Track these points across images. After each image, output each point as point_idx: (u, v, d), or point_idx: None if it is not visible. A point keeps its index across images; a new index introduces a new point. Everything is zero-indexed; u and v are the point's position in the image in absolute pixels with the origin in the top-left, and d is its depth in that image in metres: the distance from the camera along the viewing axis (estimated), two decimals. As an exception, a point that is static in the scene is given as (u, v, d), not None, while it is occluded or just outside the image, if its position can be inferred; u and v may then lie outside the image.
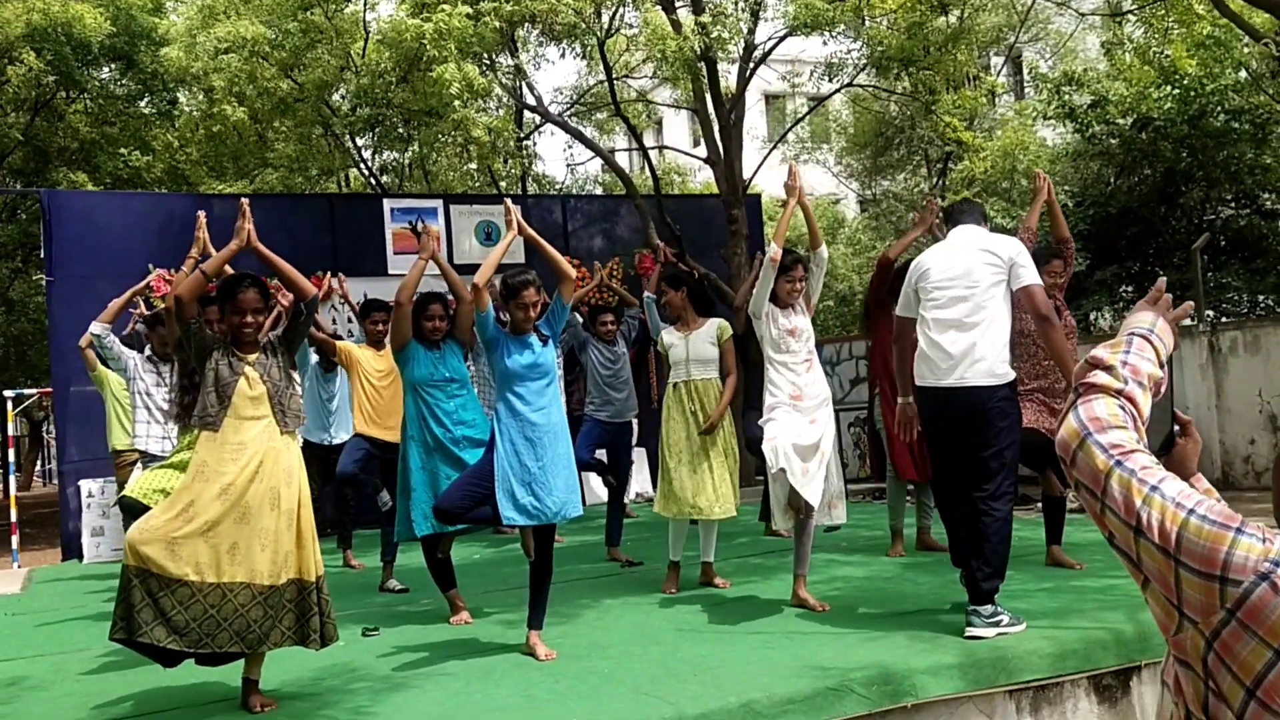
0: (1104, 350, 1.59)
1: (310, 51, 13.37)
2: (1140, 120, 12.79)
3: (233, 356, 4.32)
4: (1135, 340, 1.60)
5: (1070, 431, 1.50)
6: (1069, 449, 1.50)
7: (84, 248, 10.17)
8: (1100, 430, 1.48)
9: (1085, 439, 1.48)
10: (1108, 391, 1.53)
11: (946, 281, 4.76)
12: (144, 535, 4.17)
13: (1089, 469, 1.47)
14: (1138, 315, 1.65)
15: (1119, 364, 1.56)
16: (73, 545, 9.91)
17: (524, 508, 4.64)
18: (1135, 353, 1.58)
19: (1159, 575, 1.40)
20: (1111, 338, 1.66)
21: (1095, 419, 1.50)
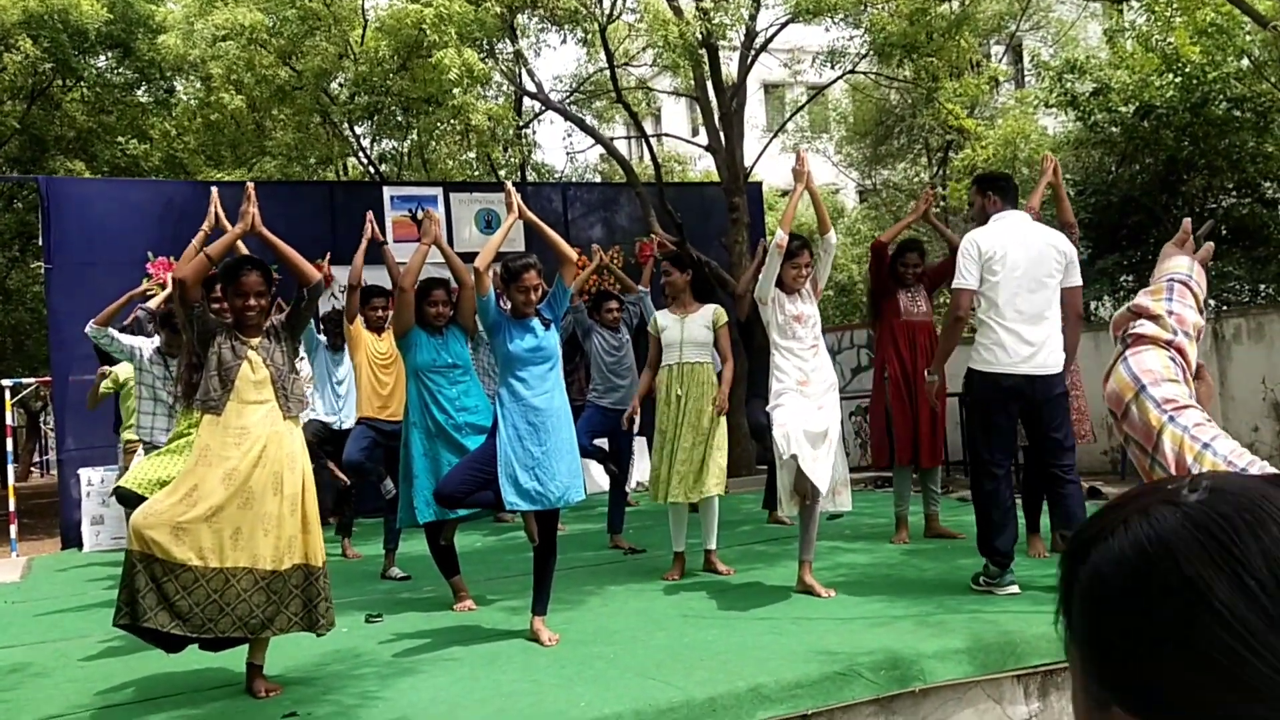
0: (1146, 298, 1.51)
1: (308, 39, 13.29)
2: (1142, 108, 12.75)
3: (236, 340, 4.29)
4: (1176, 287, 1.52)
5: (1123, 384, 1.43)
6: (1121, 402, 1.43)
7: (82, 236, 10.12)
8: (1155, 383, 1.41)
9: (1140, 392, 1.41)
10: (1157, 342, 1.46)
11: (1027, 270, 5.02)
12: (148, 520, 4.15)
13: (1142, 424, 1.39)
14: (1174, 259, 1.57)
15: (1165, 313, 1.48)
16: (72, 534, 9.87)
17: (527, 492, 4.61)
18: (1178, 300, 1.50)
19: None
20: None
21: (1148, 370, 1.43)
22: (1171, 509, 0.71)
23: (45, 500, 18.49)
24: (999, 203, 5.34)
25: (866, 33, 10.53)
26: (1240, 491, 0.72)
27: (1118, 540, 0.72)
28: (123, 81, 16.89)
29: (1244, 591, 0.67)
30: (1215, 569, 0.68)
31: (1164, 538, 0.70)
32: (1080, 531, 0.76)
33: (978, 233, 5.20)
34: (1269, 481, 0.74)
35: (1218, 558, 0.68)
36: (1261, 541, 0.68)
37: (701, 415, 5.89)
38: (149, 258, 10.11)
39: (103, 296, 9.91)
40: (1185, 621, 0.67)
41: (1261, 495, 0.72)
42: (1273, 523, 0.69)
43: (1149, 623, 0.69)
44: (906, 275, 6.62)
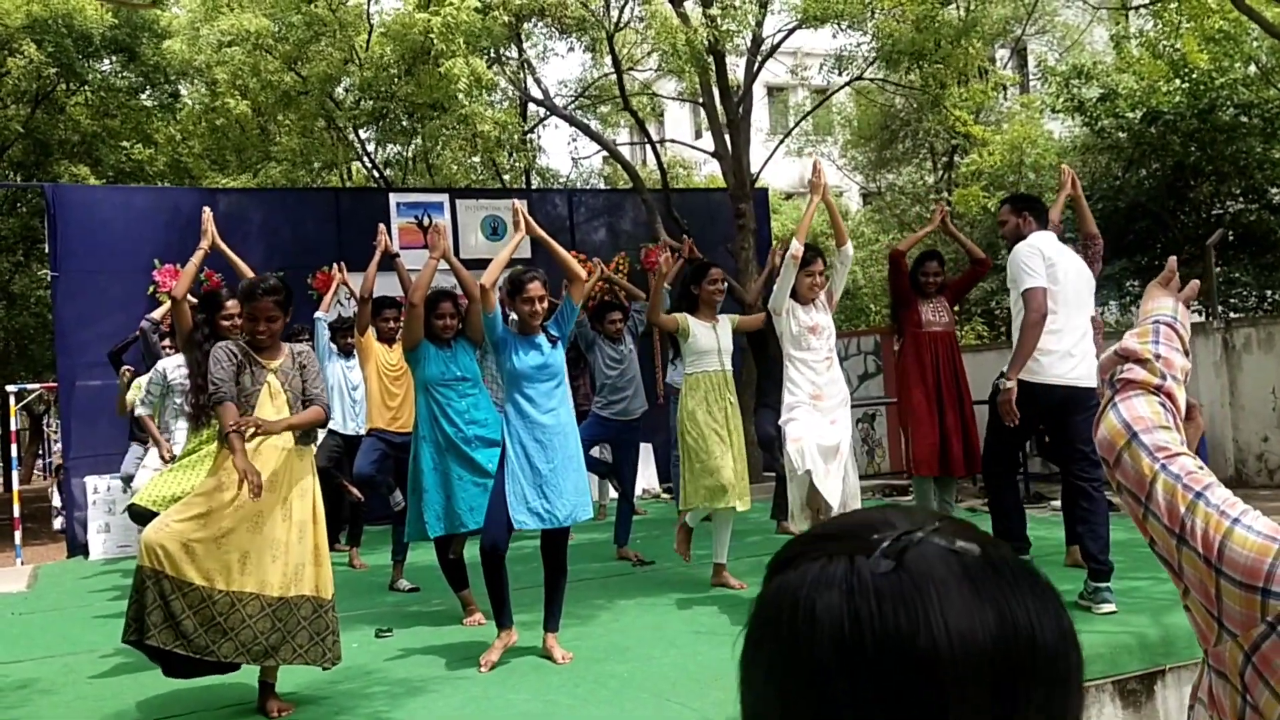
0: (1133, 341, 1.50)
1: (314, 44, 13.28)
2: (1150, 114, 12.72)
3: (254, 365, 4.26)
4: (1163, 329, 1.51)
5: (1114, 431, 1.43)
6: (1114, 450, 1.42)
7: (88, 242, 10.10)
8: (1146, 431, 1.41)
9: (1131, 440, 1.41)
10: (1146, 387, 1.45)
11: (1074, 285, 5.23)
12: (159, 534, 4.13)
13: (1134, 473, 1.40)
14: (1158, 300, 1.56)
15: (1153, 357, 1.47)
16: (77, 541, 9.85)
17: (535, 511, 4.59)
18: (1165, 343, 1.49)
19: (1200, 585, 1.33)
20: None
21: (1140, 418, 1.42)
22: (846, 567, 0.70)
23: (47, 504, 18.50)
24: (1033, 223, 5.43)
25: (874, 39, 10.49)
26: (917, 586, 0.68)
27: (798, 575, 0.71)
28: (127, 86, 16.88)
29: (809, 686, 0.68)
30: (829, 649, 0.67)
31: (816, 596, 0.69)
32: (790, 547, 0.76)
33: (1038, 239, 5.27)
34: (969, 573, 0.70)
35: (838, 640, 0.67)
36: (877, 647, 0.66)
37: (739, 423, 5.90)
38: (155, 265, 10.09)
39: (109, 303, 9.95)
40: (769, 679, 0.70)
41: (935, 594, 0.68)
42: (915, 628, 0.66)
43: (755, 663, 0.72)
44: (928, 285, 6.57)
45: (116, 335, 9.77)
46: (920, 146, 18.78)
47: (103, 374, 9.90)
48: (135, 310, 8.79)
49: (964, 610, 0.68)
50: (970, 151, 17.35)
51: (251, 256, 8.91)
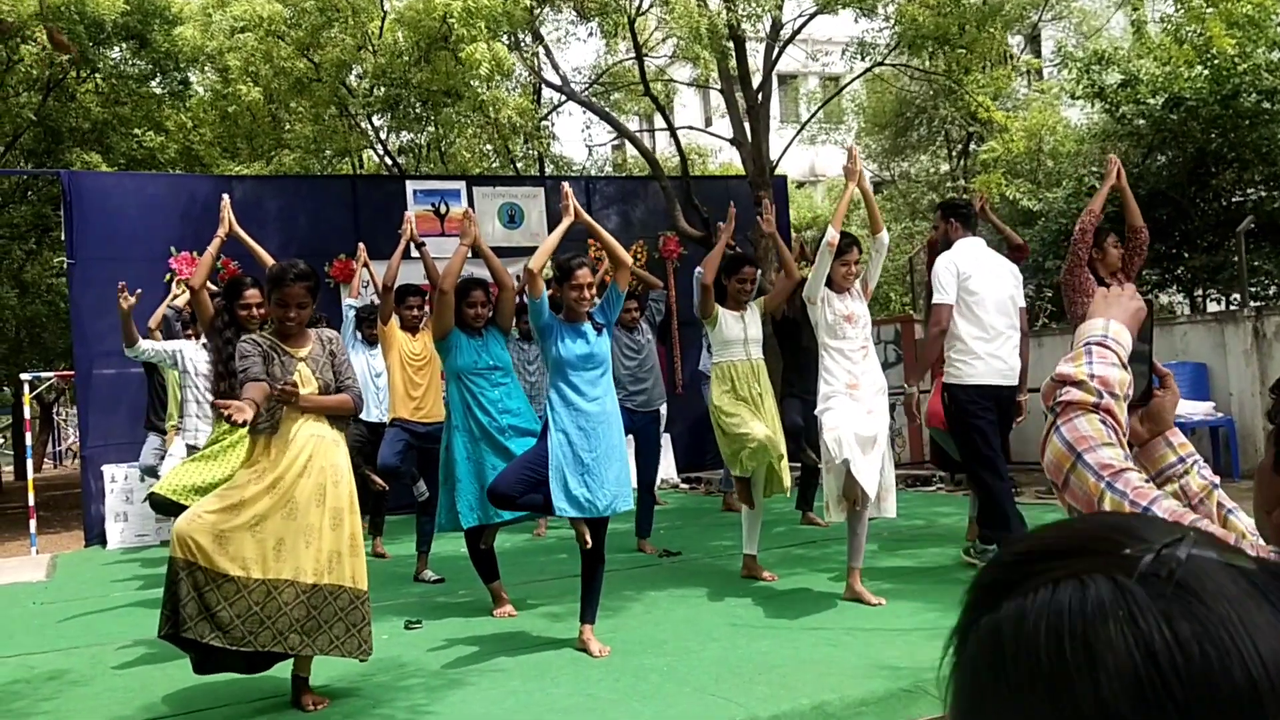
0: (1067, 365, 1.54)
1: (327, 30, 13.17)
2: (1171, 100, 12.57)
3: (284, 355, 4.19)
4: (1094, 349, 1.55)
5: (1059, 454, 1.45)
6: (1060, 472, 1.45)
7: (105, 229, 10.02)
8: (1089, 450, 1.44)
9: (1076, 461, 1.43)
10: (1085, 407, 1.49)
11: (997, 290, 5.71)
12: (192, 525, 4.06)
13: (1082, 493, 1.42)
14: (1089, 323, 1.61)
15: (1087, 378, 1.51)
16: (95, 530, 9.80)
17: (576, 499, 4.51)
18: (1099, 362, 1.53)
19: None
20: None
21: (1083, 438, 1.45)
22: (1113, 592, 0.59)
23: (60, 492, 18.47)
24: (960, 229, 5.91)
25: (895, 24, 10.36)
26: (1210, 609, 0.58)
27: (1043, 602, 0.60)
28: (137, 73, 16.78)
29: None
30: (1122, 695, 0.55)
31: (1089, 629, 0.58)
32: (998, 571, 0.64)
33: (954, 253, 5.76)
34: (1260, 589, 0.60)
35: (1133, 683, 0.56)
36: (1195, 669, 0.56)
37: (774, 410, 5.84)
38: (171, 252, 10.02)
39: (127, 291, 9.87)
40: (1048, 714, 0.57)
41: (1235, 617, 0.58)
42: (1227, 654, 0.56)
43: (1018, 699, 0.58)
44: None
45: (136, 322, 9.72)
46: (936, 134, 18.64)
47: (119, 362, 9.83)
48: (152, 298, 8.70)
49: (1271, 633, 0.58)
50: (987, 139, 17.23)
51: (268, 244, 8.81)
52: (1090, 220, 5.74)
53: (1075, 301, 5.75)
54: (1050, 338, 11.04)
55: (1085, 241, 5.73)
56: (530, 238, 11.10)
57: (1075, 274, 5.73)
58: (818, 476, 8.00)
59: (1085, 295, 5.71)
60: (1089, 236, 5.73)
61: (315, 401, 4.16)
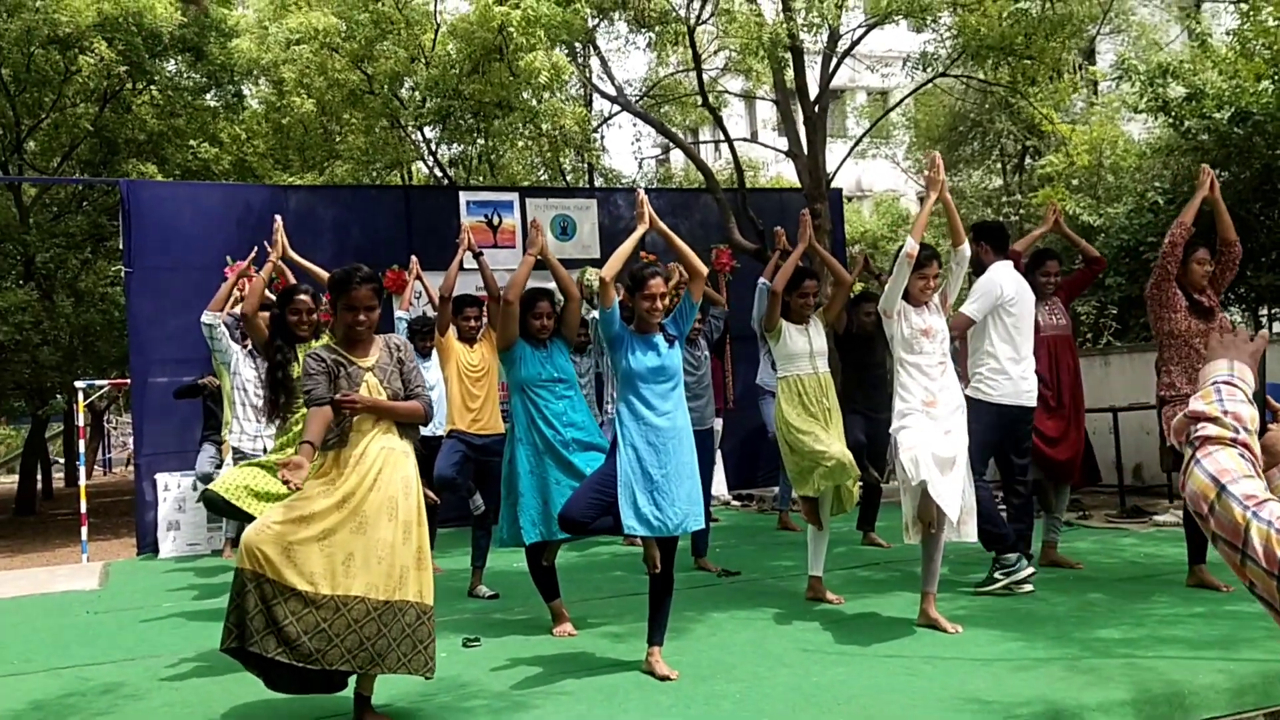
0: (1200, 403, 1.66)
1: (380, 43, 13.20)
2: (1238, 114, 12.25)
3: (349, 366, 4.08)
4: (1223, 388, 1.67)
5: (1203, 486, 1.57)
6: (1205, 502, 1.57)
7: (162, 238, 10.06)
8: (1233, 481, 1.55)
9: (1221, 492, 1.55)
10: (1223, 442, 1.60)
11: (1029, 318, 5.85)
12: (260, 536, 3.96)
13: (1228, 522, 1.53)
14: (1213, 364, 1.74)
15: (1221, 414, 1.63)
16: (148, 539, 9.80)
17: (645, 517, 4.36)
18: (1229, 400, 1.64)
19: None
20: None
21: (1225, 470, 1.56)
22: None
23: (110, 499, 18.62)
24: (990, 253, 5.97)
25: (958, 35, 10.17)
26: None
27: None
28: (193, 85, 16.94)
29: None
30: None
31: None
32: None
33: (998, 273, 5.84)
34: None
35: None
36: None
37: (840, 427, 5.69)
38: (228, 262, 10.00)
39: (181, 300, 9.88)
40: None
41: None
42: None
43: None
44: (1047, 286, 6.27)
45: (190, 331, 9.69)
46: (991, 148, 18.35)
47: (174, 370, 9.86)
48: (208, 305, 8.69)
49: None
50: (1044, 153, 16.92)
51: (322, 254, 8.81)
52: (1181, 233, 5.53)
53: (1161, 317, 5.53)
54: (1117, 356, 10.74)
55: (1175, 255, 5.52)
56: (581, 249, 11.01)
57: (1162, 288, 5.51)
58: (879, 495, 7.83)
59: (1172, 311, 5.49)
60: (1179, 250, 5.52)
61: (385, 406, 4.05)
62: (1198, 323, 5.47)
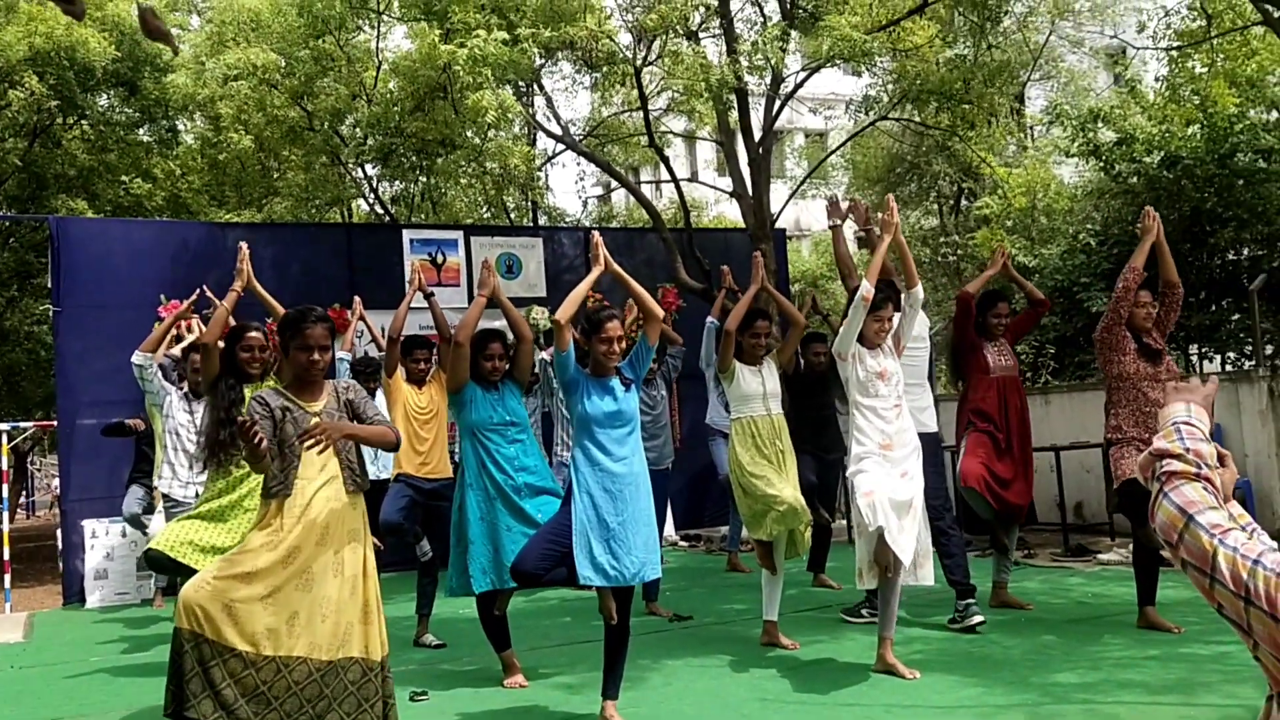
0: (1163, 443, 1.80)
1: (321, 79, 13.07)
2: (1168, 158, 12.59)
3: (297, 410, 3.93)
4: (1183, 428, 1.82)
5: (1172, 517, 1.70)
6: (1174, 531, 1.69)
7: (93, 276, 9.75)
8: (1199, 512, 1.67)
9: (1189, 522, 1.67)
10: (1188, 476, 1.73)
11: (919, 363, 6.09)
12: (199, 594, 3.78)
13: (1197, 549, 1.66)
14: (1172, 407, 1.87)
15: (1184, 451, 1.77)
16: (74, 588, 9.42)
17: (601, 567, 4.26)
18: (1189, 440, 1.79)
19: (1268, 638, 1.60)
20: None
21: (1191, 502, 1.69)
22: None
23: (33, 544, 17.93)
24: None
25: (900, 79, 10.32)
26: None
27: None
28: (125, 120, 16.62)
29: None
30: None
31: None
32: None
33: None
34: None
35: None
36: None
37: (794, 469, 5.62)
38: (161, 300, 9.75)
39: (112, 340, 9.59)
40: None
41: None
42: None
43: None
44: (997, 327, 6.31)
45: (122, 372, 9.36)
46: (928, 189, 18.66)
47: (103, 412, 9.54)
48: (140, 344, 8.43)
49: None
50: (980, 195, 17.24)
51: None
52: (1134, 277, 5.59)
53: (1111, 360, 5.59)
54: (1057, 395, 10.89)
55: (1128, 299, 5.58)
56: (528, 288, 10.93)
57: (1113, 331, 5.57)
58: (830, 536, 7.80)
59: (1122, 354, 5.55)
60: (1132, 294, 5.59)
61: (350, 430, 3.90)
62: (1146, 365, 5.54)
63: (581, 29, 8.37)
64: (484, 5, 8.86)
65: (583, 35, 8.30)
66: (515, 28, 8.49)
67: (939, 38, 11.57)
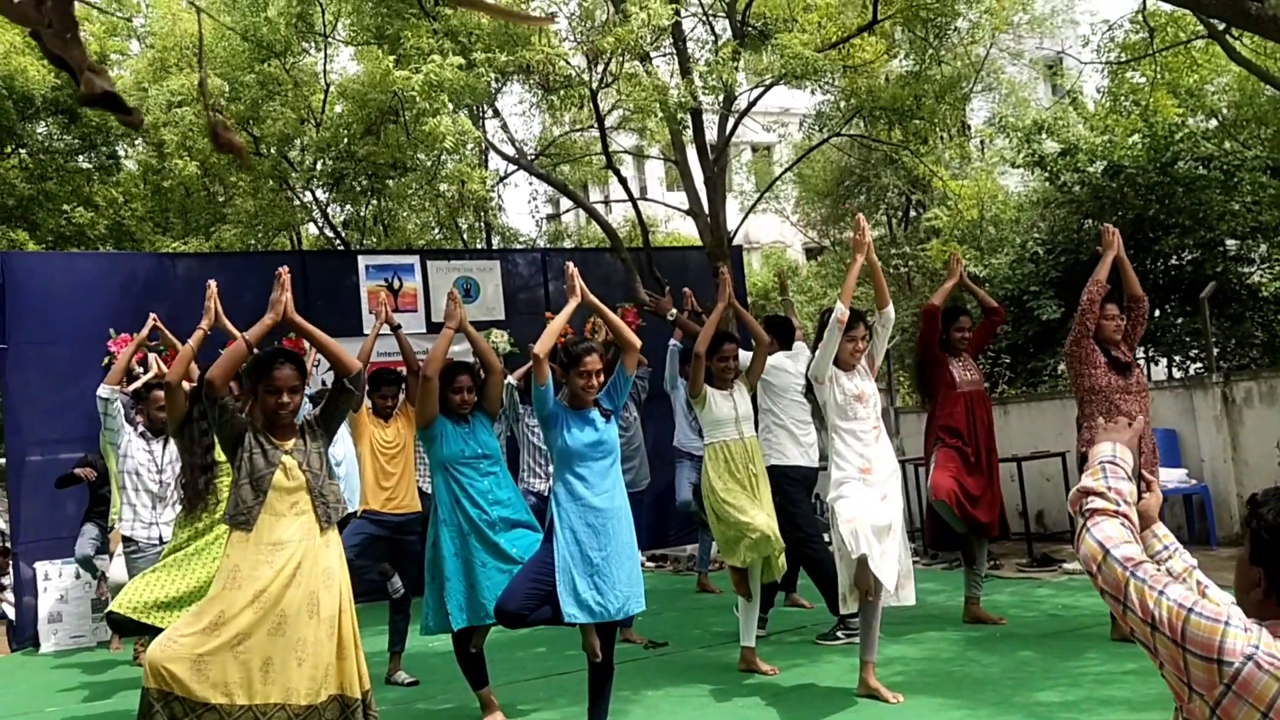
0: (1089, 480, 2.06)
1: (268, 104, 12.89)
2: (1111, 168, 12.83)
3: (268, 443, 3.85)
4: (1108, 468, 2.07)
5: (1092, 550, 1.95)
6: (1094, 562, 1.94)
7: (39, 311, 9.48)
8: (1115, 546, 1.92)
9: (1106, 556, 1.92)
10: (1108, 513, 1.99)
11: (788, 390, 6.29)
12: (166, 653, 3.68)
13: (1112, 579, 1.91)
14: (1099, 446, 2.12)
15: (1108, 490, 2.02)
16: (26, 632, 9.14)
17: (586, 604, 4.21)
18: (1112, 479, 2.04)
19: (1171, 659, 1.83)
20: None
21: (1109, 538, 1.94)
22: None
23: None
24: (776, 344, 6.29)
25: (852, 96, 10.41)
26: None
27: None
28: (64, 148, 16.29)
29: None
30: None
31: None
32: None
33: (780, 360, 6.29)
34: None
35: None
36: None
37: (768, 493, 5.60)
38: (110, 334, 9.53)
39: (62, 376, 9.35)
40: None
41: None
42: None
43: None
44: (961, 341, 6.36)
45: (70, 408, 9.17)
46: (877, 202, 18.84)
47: (54, 449, 9.28)
48: (90, 383, 8.21)
49: None
50: (928, 206, 17.43)
51: (214, 324, 8.41)
52: (1097, 290, 5.66)
53: (1081, 374, 5.65)
54: (1016, 405, 11.01)
55: (1094, 312, 5.65)
56: (486, 311, 10.83)
57: (1081, 345, 5.63)
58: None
59: (1092, 367, 5.61)
60: (1097, 307, 5.66)
61: (318, 337, 4.06)
62: (1117, 378, 5.60)
63: (537, 52, 8.33)
64: (436, 30, 8.79)
65: (538, 59, 8.27)
66: (470, 52, 8.43)
67: (886, 53, 11.72)
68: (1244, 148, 12.57)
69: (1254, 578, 1.88)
